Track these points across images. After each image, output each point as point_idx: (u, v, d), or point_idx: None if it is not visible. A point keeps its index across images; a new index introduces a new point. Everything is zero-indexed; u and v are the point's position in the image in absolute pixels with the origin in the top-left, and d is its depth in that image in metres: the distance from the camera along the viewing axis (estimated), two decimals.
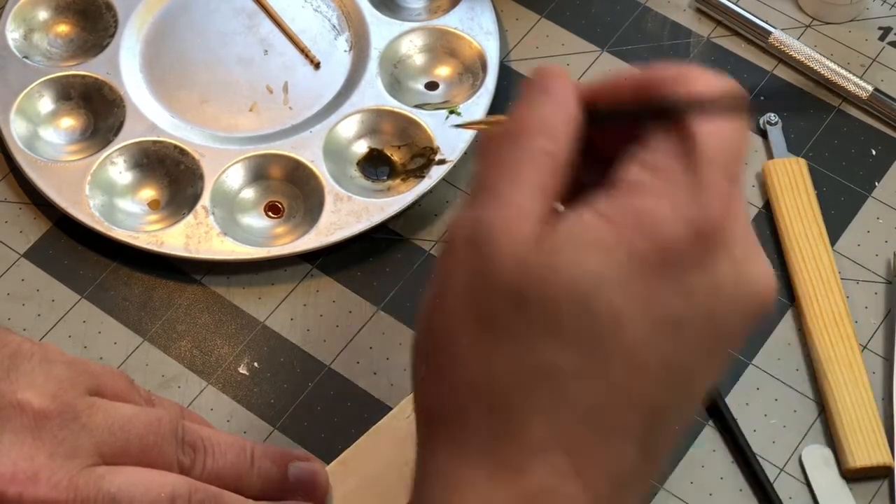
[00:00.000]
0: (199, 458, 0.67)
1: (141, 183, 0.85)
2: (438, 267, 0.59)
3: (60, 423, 0.63)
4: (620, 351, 0.56)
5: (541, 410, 0.56)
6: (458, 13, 0.90)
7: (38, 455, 0.62)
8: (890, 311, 0.80)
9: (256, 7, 0.91)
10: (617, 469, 0.57)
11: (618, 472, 0.57)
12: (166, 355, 0.79)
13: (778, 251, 0.82)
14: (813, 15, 0.91)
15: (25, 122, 0.86)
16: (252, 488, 0.68)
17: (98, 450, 0.63)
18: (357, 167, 0.85)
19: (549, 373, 0.56)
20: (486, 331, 0.57)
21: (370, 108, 0.86)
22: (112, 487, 0.62)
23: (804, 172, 0.84)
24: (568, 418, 0.56)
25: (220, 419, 0.77)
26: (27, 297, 0.81)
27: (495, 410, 0.57)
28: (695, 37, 0.91)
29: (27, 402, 0.63)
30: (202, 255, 0.81)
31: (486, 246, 0.57)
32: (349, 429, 0.76)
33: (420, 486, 0.59)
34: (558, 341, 0.56)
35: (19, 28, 0.90)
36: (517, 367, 0.56)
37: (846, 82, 0.87)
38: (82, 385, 0.65)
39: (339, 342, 0.79)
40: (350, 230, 0.81)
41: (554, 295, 0.56)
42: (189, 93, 0.88)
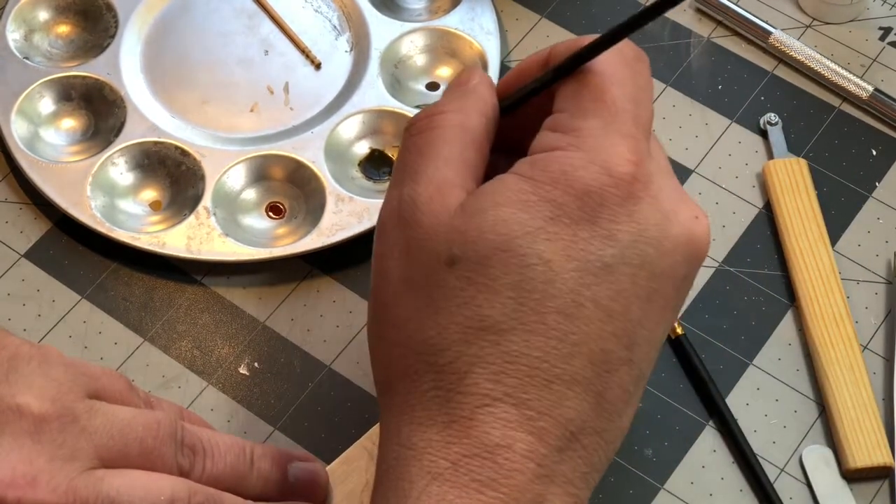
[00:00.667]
0: (199, 461, 0.67)
1: (142, 184, 0.85)
2: (374, 252, 0.63)
3: (59, 427, 0.63)
4: (552, 297, 0.58)
5: (483, 364, 0.58)
6: (458, 13, 0.90)
7: (38, 459, 0.62)
8: (890, 312, 0.80)
9: (257, 7, 0.91)
10: (568, 418, 0.58)
11: (569, 421, 0.58)
12: (167, 356, 0.79)
13: (778, 251, 0.82)
14: (813, 15, 0.91)
15: (26, 123, 0.86)
16: (252, 489, 0.68)
17: (97, 453, 0.63)
18: (358, 168, 0.85)
19: (487, 326, 0.58)
20: (422, 295, 0.60)
21: (371, 108, 0.86)
22: (111, 490, 0.62)
23: (804, 172, 0.84)
24: (511, 369, 0.58)
25: (220, 419, 0.77)
26: (27, 297, 0.81)
27: (439, 368, 0.59)
28: (695, 37, 0.91)
29: (26, 405, 0.63)
30: (204, 256, 0.81)
31: (413, 219, 0.60)
32: (349, 429, 0.76)
33: (381, 450, 0.61)
34: (491, 294, 0.58)
35: (20, 29, 0.90)
36: (455, 324, 0.59)
37: (846, 82, 0.87)
38: (81, 388, 0.65)
39: (339, 342, 0.79)
40: (352, 231, 0.81)
41: (483, 251, 0.58)
42: (190, 93, 0.88)
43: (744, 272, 0.81)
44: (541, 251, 0.58)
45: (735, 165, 0.86)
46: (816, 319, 0.78)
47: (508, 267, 0.58)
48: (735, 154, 0.86)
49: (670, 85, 0.89)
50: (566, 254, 0.58)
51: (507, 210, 0.59)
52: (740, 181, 0.85)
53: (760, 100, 0.88)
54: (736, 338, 0.79)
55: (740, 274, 0.81)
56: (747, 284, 0.81)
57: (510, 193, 0.59)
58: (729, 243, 0.82)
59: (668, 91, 0.88)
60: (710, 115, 0.87)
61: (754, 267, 0.82)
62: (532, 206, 0.59)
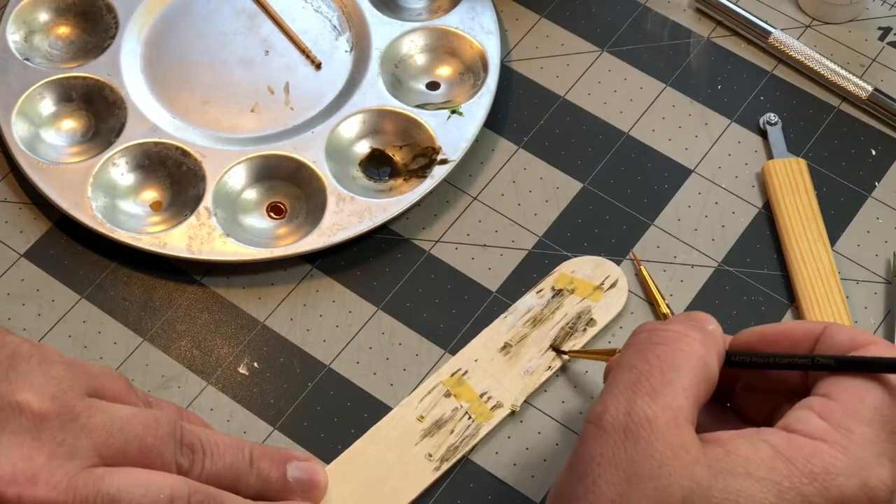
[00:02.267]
0: (198, 460, 0.67)
1: (143, 184, 0.85)
2: (587, 448, 0.61)
3: (59, 424, 0.63)
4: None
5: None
6: (458, 13, 0.90)
7: (38, 456, 0.62)
8: (890, 311, 0.80)
9: (257, 8, 0.91)
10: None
11: None
12: (166, 355, 0.79)
13: (778, 251, 0.82)
14: (813, 15, 0.91)
15: (27, 125, 0.86)
16: (251, 489, 0.68)
17: (97, 451, 0.64)
18: (359, 167, 0.85)
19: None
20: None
21: (372, 108, 0.86)
22: (111, 488, 0.63)
23: (804, 172, 0.84)
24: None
25: (219, 419, 0.77)
26: (27, 297, 0.81)
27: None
28: (695, 37, 0.91)
29: (26, 403, 0.63)
30: (205, 256, 0.81)
31: (645, 441, 0.59)
32: (349, 429, 0.76)
33: None
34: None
35: (20, 30, 0.90)
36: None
37: (846, 82, 0.87)
38: (81, 386, 0.65)
39: (339, 342, 0.79)
40: (352, 230, 0.81)
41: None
42: (190, 94, 0.88)
43: (743, 272, 0.81)
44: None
45: (735, 165, 0.86)
46: (816, 319, 0.78)
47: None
48: (735, 154, 0.86)
49: (670, 85, 0.89)
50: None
51: (757, 486, 0.58)
52: (740, 181, 0.85)
53: (760, 100, 0.88)
54: None
55: (740, 274, 0.81)
56: (747, 284, 0.81)
57: (764, 469, 0.59)
58: (728, 243, 0.82)
59: (668, 91, 0.88)
60: (710, 115, 0.87)
61: (754, 267, 0.82)
62: (784, 493, 0.58)
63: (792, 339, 0.66)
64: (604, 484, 0.60)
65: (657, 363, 0.62)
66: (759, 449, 0.60)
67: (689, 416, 0.61)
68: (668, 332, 0.64)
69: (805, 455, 0.59)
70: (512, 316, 0.79)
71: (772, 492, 0.58)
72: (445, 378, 0.77)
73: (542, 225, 0.83)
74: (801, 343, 0.65)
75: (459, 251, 0.83)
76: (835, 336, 0.64)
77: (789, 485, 0.59)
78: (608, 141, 0.87)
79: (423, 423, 0.76)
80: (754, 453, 0.59)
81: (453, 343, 0.79)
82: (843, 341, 0.64)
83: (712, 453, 0.59)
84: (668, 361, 0.62)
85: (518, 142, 0.87)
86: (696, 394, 0.62)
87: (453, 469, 0.75)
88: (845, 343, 0.64)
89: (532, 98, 0.88)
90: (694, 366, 0.62)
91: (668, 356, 0.62)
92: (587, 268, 0.81)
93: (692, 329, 0.64)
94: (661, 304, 0.79)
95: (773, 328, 0.67)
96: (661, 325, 0.65)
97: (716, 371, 0.64)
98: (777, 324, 0.67)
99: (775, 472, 0.59)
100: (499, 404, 0.76)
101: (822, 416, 0.61)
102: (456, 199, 0.85)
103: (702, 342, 0.64)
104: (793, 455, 0.59)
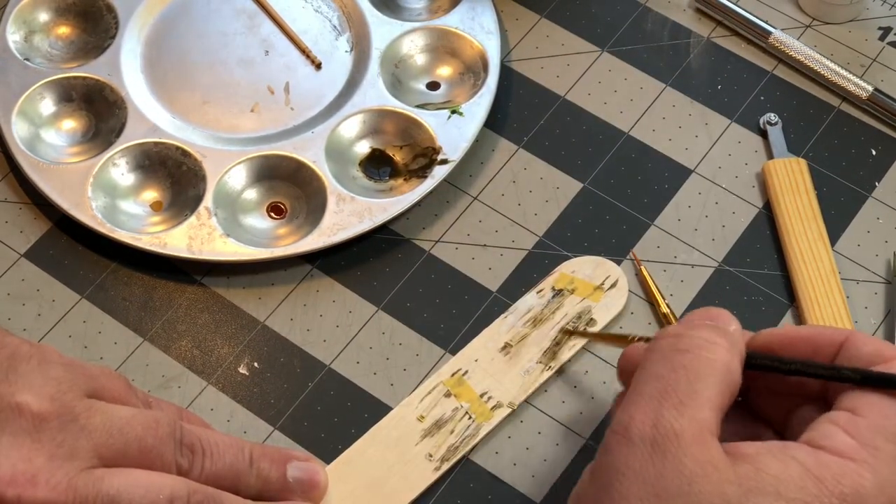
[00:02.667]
0: (198, 460, 0.67)
1: (143, 184, 0.85)
2: (612, 458, 0.61)
3: (59, 425, 0.63)
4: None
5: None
6: (458, 13, 0.90)
7: (37, 457, 0.62)
8: (890, 312, 0.80)
9: (257, 8, 0.91)
10: None
11: None
12: (166, 355, 0.79)
13: (778, 251, 0.82)
14: (813, 15, 0.91)
15: (27, 125, 0.86)
16: (251, 489, 0.68)
17: (97, 452, 0.64)
18: (359, 167, 0.85)
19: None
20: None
21: (372, 108, 0.86)
22: (111, 489, 0.63)
23: (804, 172, 0.84)
24: None
25: (220, 419, 0.77)
26: (27, 297, 0.81)
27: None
28: (695, 37, 0.91)
29: (25, 404, 0.63)
30: (205, 256, 0.81)
31: (673, 456, 0.59)
32: (349, 429, 0.76)
33: None
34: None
35: (20, 30, 0.90)
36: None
37: (846, 82, 0.87)
38: (80, 387, 0.65)
39: (339, 342, 0.79)
40: (353, 230, 0.81)
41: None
42: (190, 94, 0.88)
43: (743, 272, 0.81)
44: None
45: (735, 165, 0.86)
46: (816, 319, 0.78)
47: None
48: (735, 154, 0.86)
49: (670, 85, 0.89)
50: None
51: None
52: (740, 181, 0.85)
53: (760, 100, 0.88)
54: None
55: (740, 274, 0.81)
56: (747, 284, 0.81)
57: (794, 489, 0.58)
58: (729, 243, 0.82)
59: (668, 91, 0.88)
60: (710, 115, 0.87)
61: (754, 267, 0.82)
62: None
63: (814, 344, 0.65)
64: (632, 498, 0.59)
65: (683, 373, 0.61)
66: (789, 467, 0.59)
67: (714, 429, 0.60)
68: (694, 339, 0.63)
69: (834, 475, 0.59)
70: (512, 316, 0.79)
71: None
72: (446, 378, 0.77)
73: (543, 225, 0.83)
74: (823, 349, 0.65)
75: (460, 251, 0.83)
76: (859, 346, 0.63)
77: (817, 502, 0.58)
78: (608, 141, 0.87)
79: (424, 423, 0.76)
80: (784, 472, 0.59)
81: (453, 343, 0.79)
82: (868, 353, 0.63)
83: (742, 471, 0.59)
84: (693, 371, 0.61)
85: (518, 142, 0.87)
86: (721, 403, 0.61)
87: (453, 469, 0.75)
88: (869, 355, 0.63)
89: (532, 98, 0.88)
90: (720, 375, 0.62)
91: (693, 365, 0.62)
92: (587, 268, 0.81)
93: (717, 334, 0.63)
94: (662, 304, 0.79)
95: (797, 331, 0.66)
96: (685, 331, 0.64)
97: (739, 376, 0.63)
98: (800, 327, 0.67)
99: (805, 491, 0.58)
100: (499, 404, 0.76)
101: (848, 433, 0.60)
102: (456, 199, 0.85)
103: (727, 349, 0.63)
104: (822, 474, 0.59)
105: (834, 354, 0.64)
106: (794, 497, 0.58)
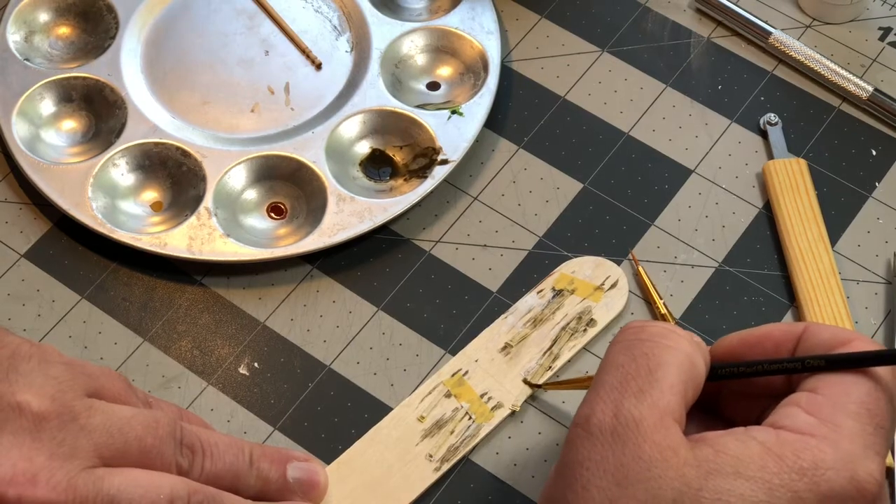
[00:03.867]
0: (198, 460, 0.67)
1: (143, 185, 0.85)
2: (575, 452, 0.61)
3: (59, 425, 0.63)
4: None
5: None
6: (458, 13, 0.90)
7: (37, 456, 0.62)
8: (890, 312, 0.80)
9: (257, 8, 0.91)
10: None
11: None
12: (167, 356, 0.79)
13: (778, 251, 0.82)
14: (813, 15, 0.91)
15: (27, 125, 0.86)
16: (251, 489, 0.68)
17: (97, 451, 0.64)
18: (359, 167, 0.85)
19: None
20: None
21: (372, 108, 0.86)
22: (111, 489, 0.63)
23: (804, 172, 0.84)
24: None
25: (220, 419, 0.77)
26: (27, 297, 0.81)
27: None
28: (695, 37, 0.91)
29: (26, 403, 0.63)
30: (205, 256, 0.81)
31: (633, 444, 0.59)
32: (349, 429, 0.76)
33: None
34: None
35: (20, 30, 0.90)
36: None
37: (846, 82, 0.87)
38: (81, 387, 0.65)
39: (339, 342, 0.79)
40: (353, 231, 0.81)
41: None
42: (190, 94, 0.88)
43: (744, 272, 0.81)
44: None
45: (735, 165, 0.86)
46: (816, 319, 0.78)
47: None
48: (735, 154, 0.86)
49: (670, 85, 0.89)
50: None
51: (747, 485, 0.58)
52: (740, 181, 0.85)
53: (760, 100, 0.88)
54: None
55: (740, 274, 0.81)
56: (747, 284, 0.81)
57: (754, 467, 0.59)
58: (729, 243, 0.82)
59: (668, 91, 0.88)
60: (710, 115, 0.87)
61: (754, 267, 0.82)
62: (774, 490, 0.58)
63: (773, 340, 0.65)
64: (593, 489, 0.60)
65: (644, 361, 0.62)
66: (748, 447, 0.59)
67: (677, 416, 0.61)
68: (656, 328, 0.64)
69: (794, 451, 0.59)
70: (512, 316, 0.79)
71: (762, 490, 0.58)
72: (446, 378, 0.77)
73: (543, 225, 0.83)
74: (783, 344, 0.65)
75: (460, 251, 0.83)
76: (817, 335, 0.64)
77: (779, 482, 0.58)
78: (608, 141, 0.87)
79: (424, 424, 0.76)
80: (743, 451, 0.59)
81: (454, 343, 0.79)
82: (825, 339, 0.64)
83: (701, 454, 0.59)
84: (654, 359, 0.62)
85: (518, 142, 0.87)
86: (684, 391, 0.62)
87: (454, 469, 0.75)
88: (828, 341, 0.63)
89: (532, 98, 0.88)
90: (681, 363, 0.62)
91: (654, 353, 0.62)
92: (587, 268, 0.81)
93: (678, 329, 0.64)
94: (659, 304, 0.79)
95: (753, 332, 0.66)
96: (648, 323, 0.65)
97: (703, 372, 0.63)
98: (756, 328, 0.67)
99: (765, 469, 0.59)
100: (499, 405, 0.76)
101: (809, 412, 0.61)
102: (456, 200, 0.85)
103: (689, 341, 0.63)
104: (782, 451, 0.59)
105: (794, 347, 0.65)
106: (753, 475, 0.58)
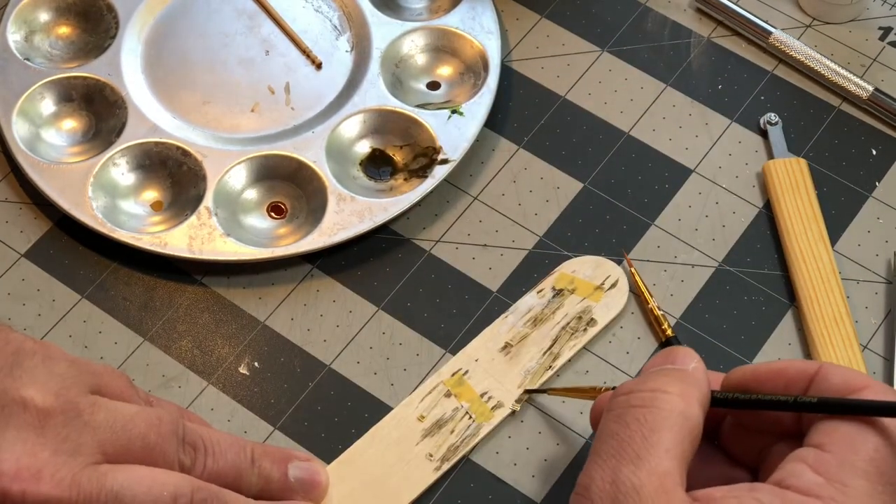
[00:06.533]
0: (200, 458, 0.67)
1: (143, 184, 0.85)
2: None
3: (63, 421, 0.63)
4: None
5: None
6: (458, 13, 0.90)
7: (42, 452, 0.62)
8: (890, 311, 0.80)
9: (257, 8, 0.91)
10: None
11: None
12: (167, 355, 0.79)
13: (778, 251, 0.82)
14: (813, 15, 0.91)
15: (27, 124, 0.86)
16: (252, 488, 0.69)
17: (101, 448, 0.64)
18: (360, 167, 0.85)
19: None
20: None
21: (372, 108, 0.86)
22: (115, 485, 0.63)
23: (804, 172, 0.84)
24: None
25: (220, 419, 0.77)
26: (28, 296, 0.81)
27: None
28: (695, 37, 0.91)
29: (30, 399, 0.63)
30: (206, 256, 0.81)
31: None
32: (349, 429, 0.76)
33: None
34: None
35: (20, 30, 0.90)
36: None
37: (846, 82, 0.87)
38: (84, 383, 0.65)
39: (339, 342, 0.79)
40: (353, 230, 0.81)
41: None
42: (191, 94, 0.88)
43: (744, 272, 0.82)
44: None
45: (735, 165, 0.86)
46: (816, 319, 0.78)
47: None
48: (735, 154, 0.86)
49: (670, 85, 0.89)
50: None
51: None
52: (740, 181, 0.85)
53: (760, 100, 0.88)
54: (736, 338, 0.79)
55: (740, 274, 0.81)
56: (747, 284, 0.81)
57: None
58: (729, 243, 0.82)
59: (669, 91, 0.88)
60: (711, 115, 0.87)
61: (754, 267, 0.82)
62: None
63: (786, 378, 0.65)
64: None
65: (637, 427, 0.61)
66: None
67: (677, 478, 0.60)
68: (645, 393, 0.63)
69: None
70: (512, 316, 0.79)
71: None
72: (446, 378, 0.77)
73: (543, 225, 0.83)
74: (795, 383, 0.64)
75: (460, 251, 0.83)
76: (829, 378, 0.63)
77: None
78: (608, 141, 0.87)
79: (424, 423, 0.76)
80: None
81: (454, 343, 0.79)
82: (837, 384, 0.63)
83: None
84: (648, 425, 0.61)
85: (518, 142, 0.87)
86: (681, 452, 0.61)
87: (454, 469, 0.75)
88: (838, 386, 0.63)
89: (532, 98, 0.88)
90: (675, 424, 0.61)
91: (647, 419, 0.62)
92: (588, 268, 0.81)
93: (670, 382, 0.63)
94: (652, 305, 0.79)
95: (768, 367, 0.66)
96: (638, 386, 0.64)
97: (700, 420, 0.63)
98: (772, 362, 0.66)
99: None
100: (499, 404, 0.76)
101: (816, 470, 0.60)
102: (456, 199, 0.85)
103: (680, 395, 0.63)
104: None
105: (806, 387, 0.64)
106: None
